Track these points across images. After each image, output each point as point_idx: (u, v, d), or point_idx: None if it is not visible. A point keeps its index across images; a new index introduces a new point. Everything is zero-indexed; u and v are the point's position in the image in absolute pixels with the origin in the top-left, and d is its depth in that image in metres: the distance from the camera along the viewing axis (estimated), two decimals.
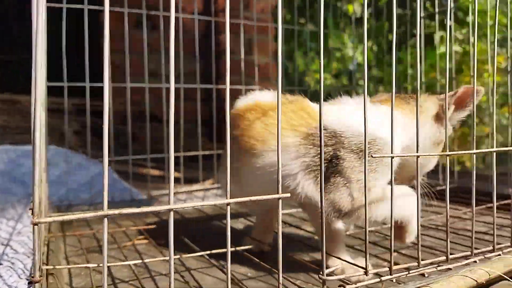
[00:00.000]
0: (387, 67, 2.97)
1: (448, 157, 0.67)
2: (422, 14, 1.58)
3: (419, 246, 0.64)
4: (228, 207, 0.49)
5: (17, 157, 1.36)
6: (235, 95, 1.63)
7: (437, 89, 2.81)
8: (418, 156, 0.63)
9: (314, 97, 0.76)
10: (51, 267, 0.68)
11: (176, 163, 1.41)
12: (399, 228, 0.71)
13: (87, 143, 1.29)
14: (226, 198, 0.49)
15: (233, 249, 0.78)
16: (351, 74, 3.25)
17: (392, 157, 0.59)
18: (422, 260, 0.66)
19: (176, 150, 1.44)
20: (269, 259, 0.76)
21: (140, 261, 0.80)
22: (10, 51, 2.37)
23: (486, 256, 0.71)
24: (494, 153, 0.72)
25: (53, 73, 1.19)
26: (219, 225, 1.13)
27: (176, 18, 1.43)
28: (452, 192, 1.32)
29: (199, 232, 1.05)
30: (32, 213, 0.40)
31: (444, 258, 0.66)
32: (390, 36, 3.02)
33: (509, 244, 0.75)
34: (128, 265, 0.78)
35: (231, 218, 0.58)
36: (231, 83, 0.50)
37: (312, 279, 0.73)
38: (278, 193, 0.52)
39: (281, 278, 0.53)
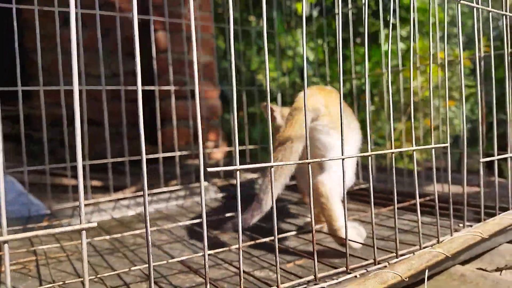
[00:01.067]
0: (333, 64, 2.98)
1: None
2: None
3: (315, 257, 0.59)
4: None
5: None
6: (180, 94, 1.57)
7: (382, 84, 2.84)
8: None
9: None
10: None
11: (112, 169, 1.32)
12: None
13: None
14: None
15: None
16: (303, 72, 3.24)
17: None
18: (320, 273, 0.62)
19: (120, 155, 1.35)
20: None
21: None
22: None
23: (368, 269, 0.64)
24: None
25: None
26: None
27: (114, 17, 1.35)
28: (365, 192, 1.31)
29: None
30: None
31: (312, 277, 0.61)
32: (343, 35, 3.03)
33: (394, 254, 0.68)
34: None
35: None
36: (174, 84, 0.45)
37: None
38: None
39: None
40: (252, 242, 0.86)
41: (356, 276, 0.60)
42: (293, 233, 0.93)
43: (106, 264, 0.84)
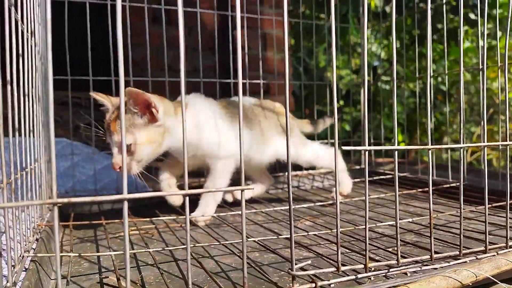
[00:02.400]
0: (408, 62, 2.88)
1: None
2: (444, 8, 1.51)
3: (398, 242, 0.61)
4: None
5: None
6: (255, 89, 1.63)
7: (461, 84, 2.68)
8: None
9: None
10: (32, 254, 0.69)
11: None
12: None
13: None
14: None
15: None
16: (373, 70, 3.18)
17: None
18: (405, 258, 0.63)
19: None
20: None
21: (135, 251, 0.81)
22: None
23: (478, 257, 0.67)
24: (485, 148, 0.68)
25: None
26: None
27: (194, 13, 1.43)
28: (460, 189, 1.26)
29: None
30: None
31: (428, 257, 0.63)
32: (413, 32, 2.92)
33: (503, 244, 0.70)
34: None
35: None
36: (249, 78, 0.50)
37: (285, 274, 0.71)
38: None
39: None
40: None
41: (466, 262, 0.64)
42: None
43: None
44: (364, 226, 0.54)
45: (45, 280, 0.70)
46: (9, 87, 0.58)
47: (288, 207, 1.15)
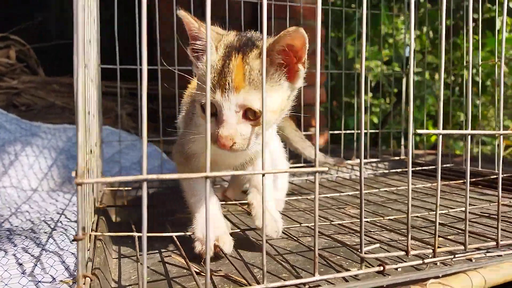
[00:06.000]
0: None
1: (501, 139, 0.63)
2: None
3: (467, 230, 0.60)
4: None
5: (75, 135, 1.44)
6: None
7: (495, 76, 2.63)
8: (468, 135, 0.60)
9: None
10: (99, 233, 0.72)
11: None
12: None
13: (138, 124, 1.34)
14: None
15: None
16: (404, 61, 3.12)
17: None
18: (469, 245, 0.63)
19: None
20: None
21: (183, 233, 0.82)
22: (71, 34, 2.51)
23: None
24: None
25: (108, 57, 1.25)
26: None
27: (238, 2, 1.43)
28: (508, 180, 1.24)
29: None
30: (76, 175, 0.43)
31: (494, 243, 0.63)
32: (447, 22, 2.86)
33: None
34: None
35: None
36: None
37: (353, 256, 0.72)
38: None
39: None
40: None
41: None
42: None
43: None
44: (417, 215, 0.54)
45: (109, 258, 0.73)
46: (85, 72, 0.60)
47: (330, 195, 1.15)
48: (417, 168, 1.49)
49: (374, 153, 1.70)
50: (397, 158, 1.65)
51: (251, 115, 0.65)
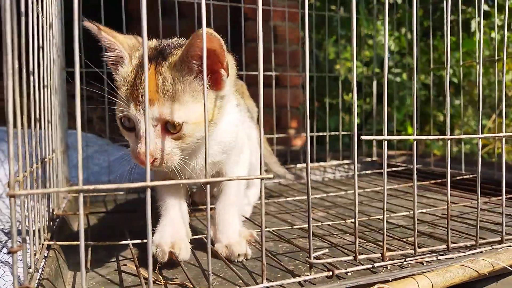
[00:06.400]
0: (420, 54, 2.85)
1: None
2: None
3: (415, 232, 0.61)
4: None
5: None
6: (266, 81, 1.62)
7: (472, 77, 2.66)
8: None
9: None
10: (52, 242, 0.70)
11: None
12: None
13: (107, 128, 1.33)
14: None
15: None
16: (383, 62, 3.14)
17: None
18: (420, 248, 0.63)
19: None
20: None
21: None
22: None
23: (494, 247, 0.67)
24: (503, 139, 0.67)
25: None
26: None
27: (207, 5, 1.43)
28: (474, 181, 1.26)
29: None
30: (8, 186, 0.42)
31: (444, 246, 0.63)
32: (425, 23, 2.89)
33: None
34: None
35: None
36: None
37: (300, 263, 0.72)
38: None
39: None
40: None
41: (482, 252, 0.65)
42: None
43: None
44: (379, 217, 0.54)
45: (64, 268, 0.71)
46: (31, 78, 0.59)
47: (299, 198, 1.16)
48: (388, 170, 1.51)
49: (347, 154, 1.72)
50: (369, 159, 1.66)
51: (171, 128, 0.60)
